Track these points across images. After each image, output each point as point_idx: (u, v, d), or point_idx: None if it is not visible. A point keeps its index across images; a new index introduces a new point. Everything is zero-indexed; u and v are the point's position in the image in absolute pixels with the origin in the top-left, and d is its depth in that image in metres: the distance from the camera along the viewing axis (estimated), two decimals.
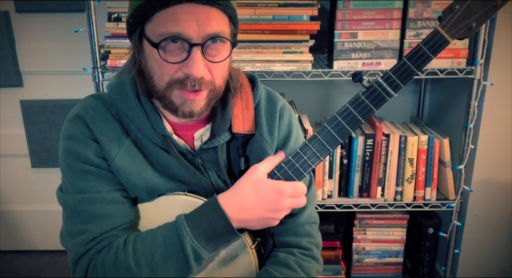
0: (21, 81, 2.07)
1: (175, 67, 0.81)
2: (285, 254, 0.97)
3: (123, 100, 0.91)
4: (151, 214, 0.93)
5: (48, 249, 2.29)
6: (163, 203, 0.92)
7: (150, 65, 0.83)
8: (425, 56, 0.84)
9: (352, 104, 0.86)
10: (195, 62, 0.79)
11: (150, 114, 0.90)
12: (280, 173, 0.89)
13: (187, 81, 0.81)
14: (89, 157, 0.89)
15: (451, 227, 1.73)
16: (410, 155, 1.67)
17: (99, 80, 1.57)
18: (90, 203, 0.88)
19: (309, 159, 0.88)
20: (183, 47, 0.79)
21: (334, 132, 0.87)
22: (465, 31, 0.83)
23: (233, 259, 0.92)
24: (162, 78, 0.82)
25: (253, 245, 0.92)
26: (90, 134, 0.90)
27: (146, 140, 0.91)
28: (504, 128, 1.67)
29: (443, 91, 1.92)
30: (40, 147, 2.14)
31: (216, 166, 0.94)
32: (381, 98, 0.85)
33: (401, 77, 0.85)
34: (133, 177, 0.90)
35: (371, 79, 0.86)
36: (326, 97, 2.02)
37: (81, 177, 0.89)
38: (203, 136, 0.94)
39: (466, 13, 0.82)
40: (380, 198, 1.72)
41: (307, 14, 1.54)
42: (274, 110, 0.98)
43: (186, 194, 0.91)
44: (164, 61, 0.80)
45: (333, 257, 1.86)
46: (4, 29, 1.97)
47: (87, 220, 0.88)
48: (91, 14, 1.52)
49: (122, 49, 1.56)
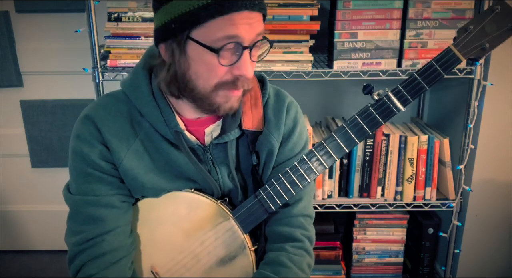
0: (21, 81, 2.07)
1: (224, 70, 0.83)
2: (276, 252, 0.97)
3: (137, 96, 0.92)
4: (158, 210, 0.94)
5: (48, 249, 2.29)
6: (169, 199, 0.94)
7: (196, 68, 0.83)
8: (436, 73, 0.85)
9: (361, 116, 0.88)
10: (246, 64, 0.82)
11: (163, 110, 0.91)
12: (285, 177, 0.91)
13: (237, 82, 0.84)
14: (93, 159, 0.91)
15: (451, 227, 1.73)
16: (410, 155, 1.67)
17: (99, 80, 1.57)
18: (87, 205, 0.91)
19: (314, 166, 0.91)
20: (233, 51, 0.81)
21: (341, 142, 0.89)
22: (478, 51, 0.84)
23: (232, 259, 0.93)
24: (209, 81, 0.84)
25: (253, 247, 0.93)
26: (99, 135, 0.91)
27: (158, 136, 0.93)
28: (504, 128, 1.67)
29: (443, 91, 1.92)
30: (40, 147, 2.14)
31: (226, 161, 0.95)
32: (389, 112, 0.86)
33: (411, 92, 0.86)
34: (141, 176, 0.92)
35: (381, 92, 0.86)
36: (326, 97, 2.02)
37: (83, 178, 0.92)
38: (213, 132, 0.95)
39: (480, 34, 0.83)
40: (380, 198, 1.72)
41: (307, 14, 1.54)
42: (282, 105, 1.00)
43: (192, 191, 0.93)
44: (219, 64, 0.81)
45: (333, 257, 1.86)
46: (4, 29, 1.97)
47: (84, 222, 0.91)
48: (91, 14, 1.52)
49: (122, 49, 1.56)
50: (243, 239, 0.92)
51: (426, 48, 1.59)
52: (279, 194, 0.92)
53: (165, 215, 0.93)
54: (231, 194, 0.98)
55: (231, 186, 0.97)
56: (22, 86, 2.08)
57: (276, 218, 0.99)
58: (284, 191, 0.92)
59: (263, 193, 0.92)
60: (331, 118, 1.86)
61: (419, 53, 1.59)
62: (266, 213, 0.93)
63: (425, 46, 1.58)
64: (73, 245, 0.92)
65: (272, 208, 0.93)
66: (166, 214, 0.93)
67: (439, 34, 1.58)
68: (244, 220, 0.93)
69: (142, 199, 0.96)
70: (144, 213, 0.95)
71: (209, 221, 0.93)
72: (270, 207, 0.93)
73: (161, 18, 0.82)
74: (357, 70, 1.59)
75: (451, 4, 1.55)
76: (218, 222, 0.93)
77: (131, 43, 1.55)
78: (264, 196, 0.92)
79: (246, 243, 0.92)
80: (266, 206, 0.93)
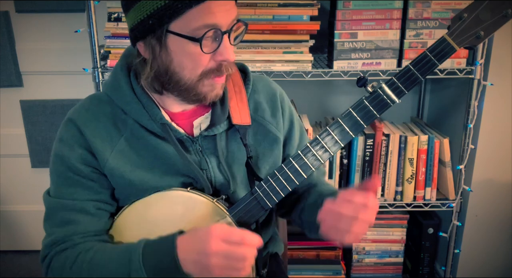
0: (21, 81, 2.07)
1: (207, 58, 0.84)
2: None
3: (119, 96, 0.93)
4: (154, 210, 0.94)
5: None
6: (165, 199, 0.93)
7: (179, 61, 0.85)
8: (431, 63, 0.85)
9: (355, 109, 0.87)
10: (227, 48, 0.84)
11: (146, 106, 0.92)
12: (280, 173, 0.91)
13: (222, 67, 0.86)
14: (73, 162, 0.92)
15: (451, 227, 1.73)
16: (410, 155, 1.67)
17: (99, 80, 1.57)
18: (63, 208, 0.93)
19: (310, 161, 0.90)
20: (213, 37, 0.83)
21: (336, 136, 0.88)
22: (473, 40, 0.83)
23: None
24: (194, 71, 0.85)
25: None
26: (81, 139, 0.92)
27: (144, 132, 0.93)
28: (504, 128, 1.67)
29: (443, 91, 1.92)
30: (40, 147, 2.14)
31: (215, 152, 0.96)
32: (384, 104, 0.86)
33: (405, 83, 0.85)
34: (128, 174, 0.92)
35: (375, 84, 0.86)
36: (326, 97, 2.02)
37: (62, 181, 0.94)
38: (201, 124, 0.96)
39: (475, 21, 0.82)
40: (380, 198, 1.72)
41: (307, 14, 1.54)
42: (273, 94, 1.04)
43: (188, 190, 0.92)
44: (202, 53, 0.82)
45: (333, 257, 1.86)
46: (4, 29, 1.97)
47: (56, 225, 0.94)
48: (91, 14, 1.52)
49: (122, 49, 1.55)
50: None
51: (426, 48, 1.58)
52: (275, 190, 0.92)
53: (161, 215, 0.93)
54: (222, 185, 0.98)
55: (222, 177, 0.97)
56: (22, 86, 2.08)
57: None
58: (280, 188, 0.91)
59: (259, 190, 0.92)
60: (331, 119, 1.86)
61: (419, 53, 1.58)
62: (263, 210, 0.93)
63: (425, 46, 1.58)
64: (44, 247, 0.95)
65: (269, 205, 0.92)
66: (162, 215, 0.93)
67: (439, 34, 1.58)
68: (241, 217, 0.93)
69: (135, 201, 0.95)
70: (141, 214, 0.95)
71: (206, 220, 0.93)
72: (267, 204, 0.92)
73: (135, 16, 0.83)
74: (357, 70, 1.59)
75: (451, 4, 1.55)
76: (215, 220, 0.93)
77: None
78: (260, 193, 0.92)
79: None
80: (263, 203, 0.92)
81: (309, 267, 1.86)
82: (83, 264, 0.88)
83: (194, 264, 0.81)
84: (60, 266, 0.91)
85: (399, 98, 0.85)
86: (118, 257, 0.87)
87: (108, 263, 0.87)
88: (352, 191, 0.83)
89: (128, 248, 0.88)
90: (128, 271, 0.84)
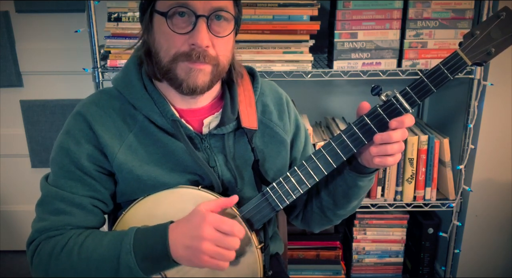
0: (21, 81, 2.07)
1: (181, 40, 0.86)
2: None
3: (130, 91, 0.94)
4: (164, 207, 0.94)
5: None
6: (176, 196, 0.93)
7: (158, 41, 0.88)
8: (444, 76, 0.87)
9: (369, 116, 0.88)
10: (200, 32, 0.84)
11: (157, 102, 0.93)
12: (293, 175, 0.91)
13: (192, 52, 0.86)
14: (78, 157, 0.92)
15: (451, 227, 1.73)
16: (410, 155, 1.67)
17: (99, 80, 1.57)
18: (61, 199, 0.93)
19: (321, 165, 0.91)
20: (189, 21, 0.85)
21: (349, 142, 0.89)
22: (484, 56, 0.87)
23: (238, 257, 0.92)
24: (168, 52, 0.87)
25: (259, 245, 0.93)
26: (90, 133, 0.92)
27: (154, 128, 0.94)
28: (504, 128, 1.67)
29: (443, 91, 1.92)
30: (40, 147, 2.14)
31: (223, 151, 0.97)
32: (397, 113, 0.87)
33: (418, 94, 0.87)
34: (136, 168, 0.93)
35: (389, 93, 0.88)
36: (326, 97, 2.02)
37: (63, 173, 0.93)
38: (211, 123, 0.97)
39: (486, 39, 0.86)
40: (380, 198, 1.72)
41: (307, 14, 1.54)
42: (280, 98, 1.06)
43: (199, 189, 0.93)
44: (172, 32, 0.85)
45: (333, 257, 1.86)
46: (4, 29, 1.97)
47: (51, 212, 0.93)
48: (91, 14, 1.52)
49: (122, 49, 1.56)
50: (249, 236, 0.92)
51: (426, 48, 1.59)
52: (287, 192, 0.92)
53: (172, 212, 0.92)
54: (230, 183, 0.98)
55: (229, 174, 0.98)
56: (22, 86, 2.08)
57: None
58: (292, 190, 0.92)
59: (271, 191, 0.92)
60: (331, 118, 1.86)
61: (419, 53, 1.59)
62: (274, 211, 0.93)
63: (425, 46, 1.58)
64: (34, 231, 0.93)
65: (280, 206, 0.92)
66: (173, 211, 0.92)
67: (439, 34, 1.58)
68: (251, 218, 0.93)
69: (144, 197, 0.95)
70: (150, 210, 0.95)
71: None
72: (278, 205, 0.92)
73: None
74: (357, 70, 1.59)
75: (451, 4, 1.55)
76: None
77: (131, 43, 1.55)
78: (272, 194, 0.92)
79: (253, 240, 0.92)
80: (274, 204, 0.92)
81: (309, 267, 1.86)
82: (74, 246, 0.88)
83: (185, 249, 0.83)
84: (50, 249, 0.90)
85: (412, 107, 0.87)
86: (110, 240, 0.88)
87: (99, 245, 0.88)
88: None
89: (121, 232, 0.89)
90: (118, 254, 0.85)
